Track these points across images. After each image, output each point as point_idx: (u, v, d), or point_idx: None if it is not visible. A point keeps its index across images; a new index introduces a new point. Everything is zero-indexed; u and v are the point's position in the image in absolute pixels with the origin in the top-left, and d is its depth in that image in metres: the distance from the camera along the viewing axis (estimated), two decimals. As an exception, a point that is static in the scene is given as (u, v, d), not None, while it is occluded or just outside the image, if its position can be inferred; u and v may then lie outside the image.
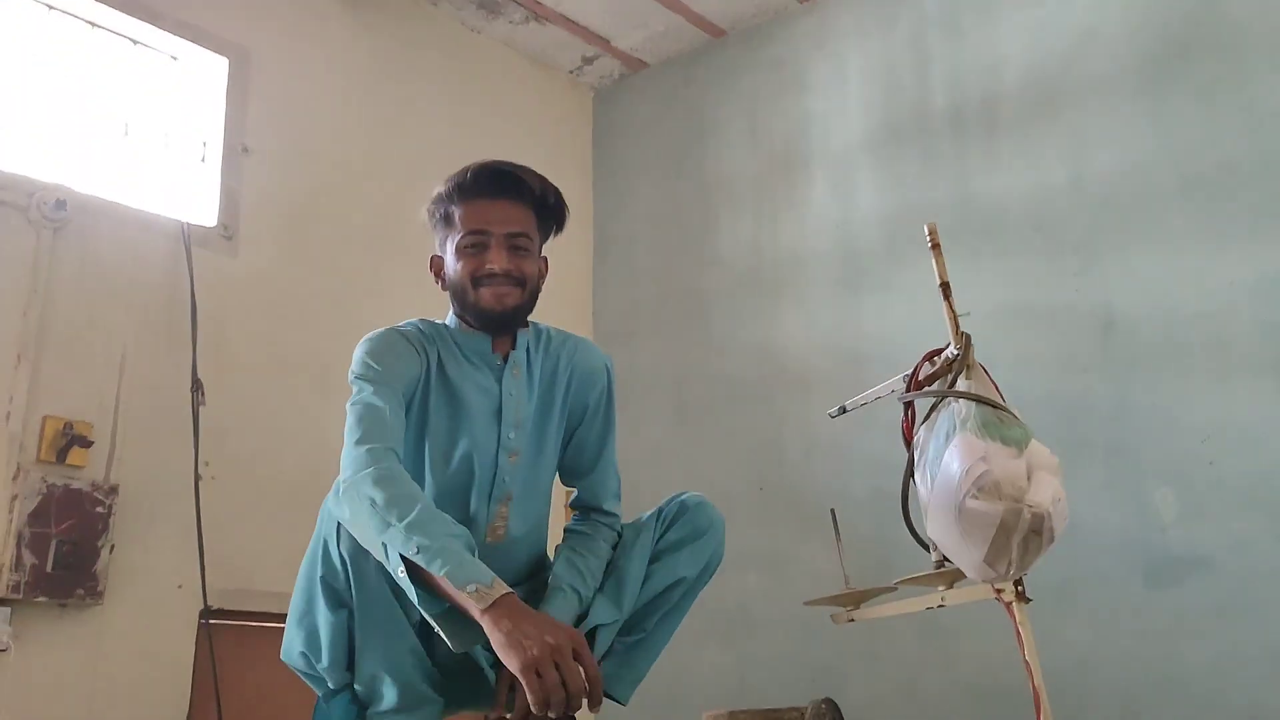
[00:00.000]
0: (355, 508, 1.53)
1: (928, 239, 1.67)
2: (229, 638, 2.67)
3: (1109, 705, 2.66)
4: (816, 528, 3.22)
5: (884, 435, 3.12)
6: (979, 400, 1.47)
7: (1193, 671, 2.56)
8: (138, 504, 2.61)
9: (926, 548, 1.59)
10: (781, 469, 3.36)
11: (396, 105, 3.45)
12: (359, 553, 1.57)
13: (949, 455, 1.41)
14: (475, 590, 1.43)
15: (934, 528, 1.43)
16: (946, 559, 1.56)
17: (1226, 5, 2.78)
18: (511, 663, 1.38)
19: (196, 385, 2.72)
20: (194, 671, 2.62)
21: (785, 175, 3.58)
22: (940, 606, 1.53)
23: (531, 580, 1.87)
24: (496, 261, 1.77)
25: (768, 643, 3.22)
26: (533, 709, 1.37)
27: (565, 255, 2.57)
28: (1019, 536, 1.34)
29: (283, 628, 1.73)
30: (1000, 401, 1.50)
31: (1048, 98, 3.06)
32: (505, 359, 1.86)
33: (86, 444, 2.52)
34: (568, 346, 1.94)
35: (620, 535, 1.85)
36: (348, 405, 1.70)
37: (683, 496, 1.87)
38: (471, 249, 1.80)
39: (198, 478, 2.69)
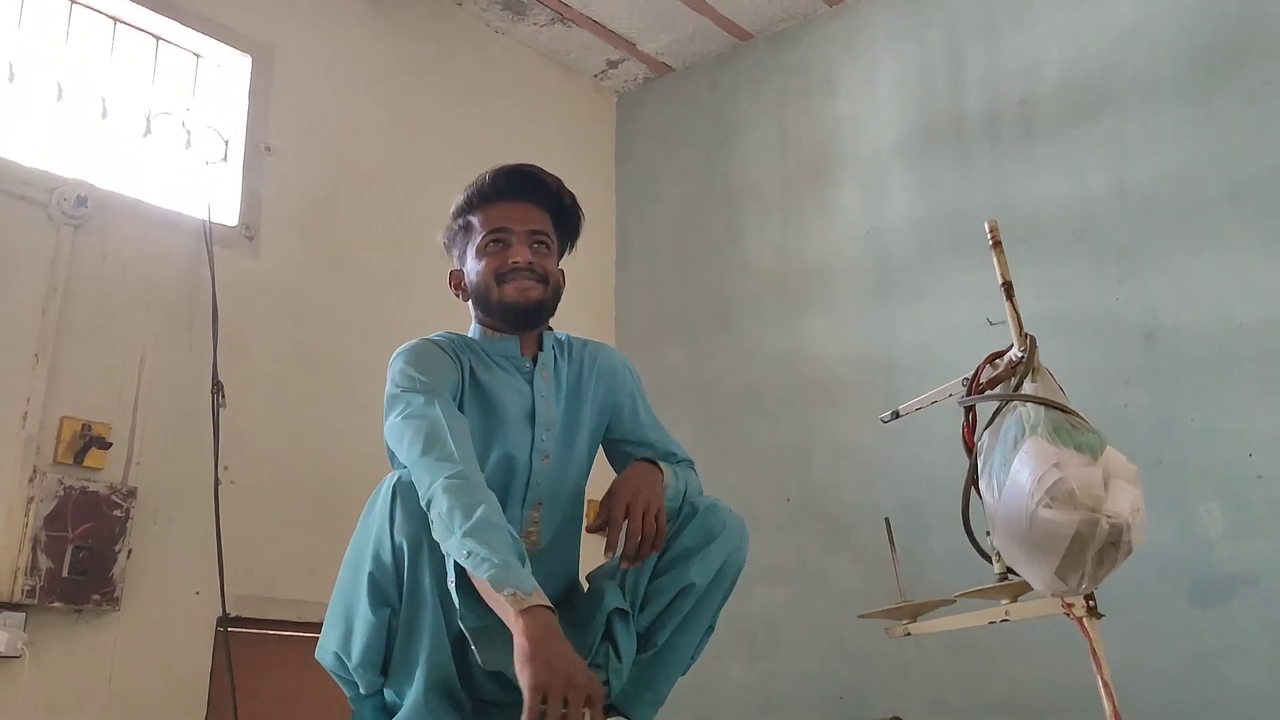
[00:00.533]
0: (433, 518, 1.50)
1: (988, 236, 1.60)
2: (247, 646, 2.60)
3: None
4: (845, 541, 3.16)
5: (916, 446, 3.07)
6: (1048, 404, 1.40)
7: (1237, 692, 2.47)
8: (156, 508, 2.55)
9: (989, 559, 1.52)
10: (809, 481, 3.28)
11: (419, 106, 3.40)
12: (416, 551, 1.52)
13: (1018, 462, 1.34)
14: (513, 594, 1.37)
15: (1000, 538, 1.36)
16: (1011, 571, 1.49)
17: (1277, 6, 2.71)
18: (524, 674, 1.32)
19: (217, 387, 2.66)
20: (211, 680, 2.56)
21: (814, 180, 3.52)
22: (1004, 621, 1.45)
23: (561, 608, 1.81)
24: (520, 255, 1.77)
25: (794, 660, 3.15)
26: None
27: (588, 262, 2.52)
28: (1094, 548, 1.27)
29: (303, 636, 1.70)
30: (1069, 406, 1.43)
31: (1088, 101, 2.99)
32: (534, 361, 1.83)
33: (105, 445, 2.46)
34: (588, 350, 1.93)
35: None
36: (398, 419, 1.66)
37: (693, 499, 1.81)
38: (494, 245, 1.79)
39: (217, 482, 2.63)
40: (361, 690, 1.63)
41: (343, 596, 1.64)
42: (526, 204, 1.83)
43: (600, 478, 1.82)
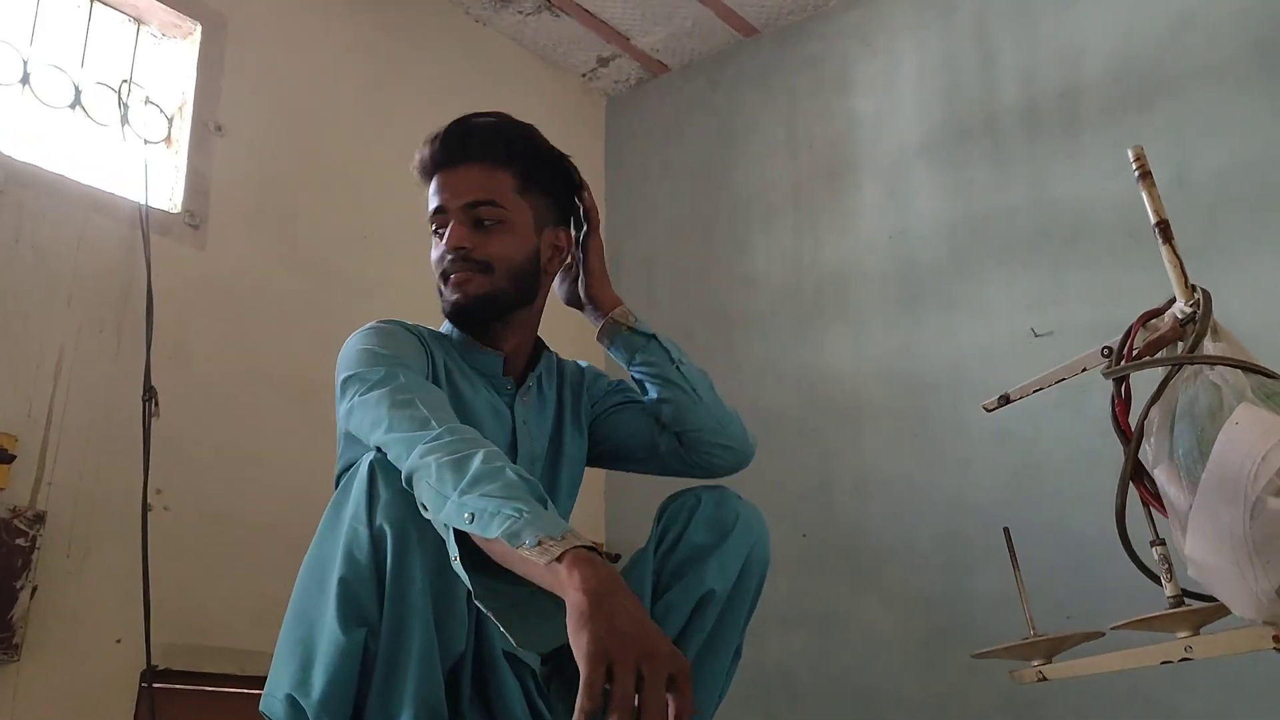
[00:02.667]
0: (420, 493, 1.13)
1: (1134, 167, 1.25)
2: (177, 705, 2.16)
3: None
4: (872, 581, 2.78)
5: (954, 472, 2.70)
6: (1249, 367, 1.05)
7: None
8: (69, 537, 2.12)
9: (1157, 579, 1.15)
10: (829, 514, 2.91)
11: (390, 93, 3.04)
12: (403, 542, 1.15)
13: (1225, 439, 0.98)
14: (540, 543, 0.98)
15: (1197, 543, 1.00)
16: (1187, 595, 1.12)
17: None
18: (580, 640, 0.90)
19: (149, 394, 2.25)
20: (131, 747, 2.11)
21: (829, 185, 3.19)
22: (1184, 660, 1.08)
23: (551, 662, 1.46)
24: (453, 240, 1.42)
25: (815, 716, 2.74)
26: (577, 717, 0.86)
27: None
28: (1345, 553, 0.91)
29: (244, 693, 1.29)
30: (1274, 372, 1.08)
31: (1138, 89, 2.69)
32: (518, 382, 1.51)
33: (8, 459, 2.04)
34: (569, 370, 1.66)
35: None
36: (356, 400, 1.30)
37: (695, 489, 1.49)
38: (436, 234, 1.46)
39: (146, 508, 2.21)
40: None
41: (300, 618, 1.23)
42: (468, 166, 1.46)
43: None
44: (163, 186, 2.51)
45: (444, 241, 1.44)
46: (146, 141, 2.51)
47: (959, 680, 2.50)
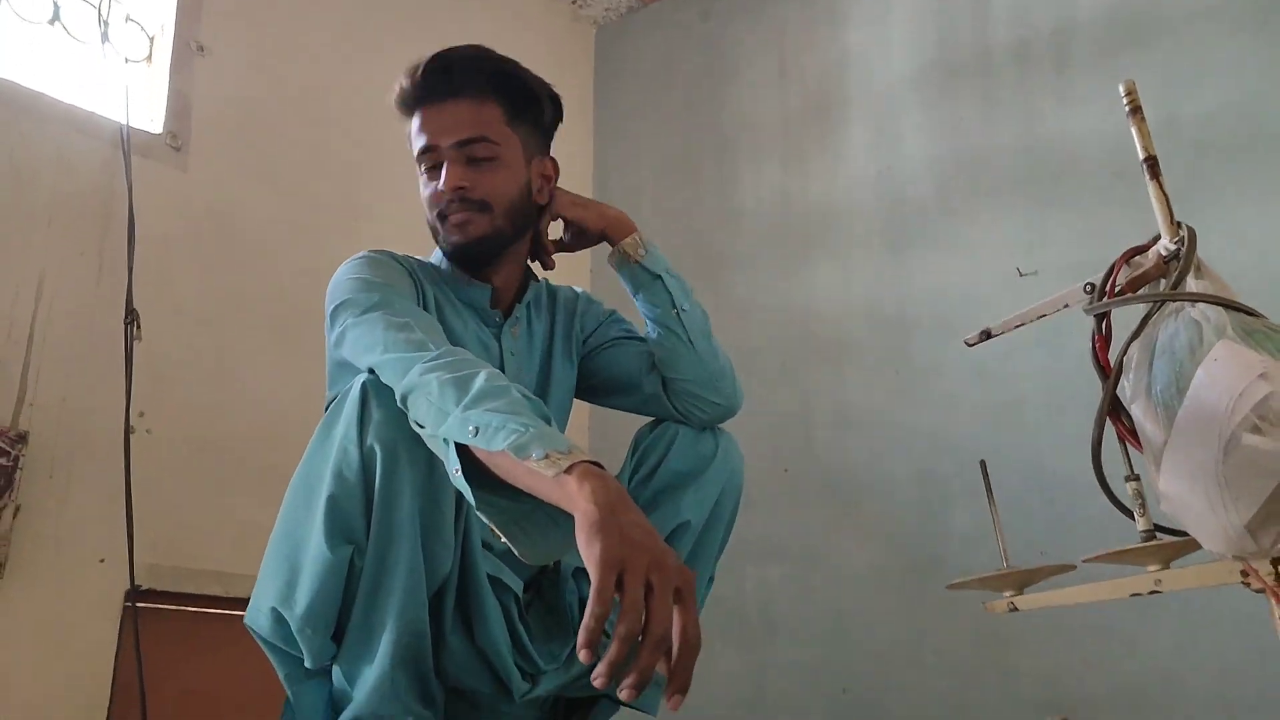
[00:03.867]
0: (416, 410, 1.12)
1: (1125, 101, 1.25)
2: (159, 624, 2.18)
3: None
4: (851, 516, 2.81)
5: (936, 410, 2.72)
6: (1230, 305, 1.06)
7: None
8: (52, 458, 2.13)
9: (1130, 514, 1.17)
10: (810, 450, 2.93)
11: (376, 17, 2.99)
12: (393, 463, 1.15)
13: (1203, 375, 0.99)
14: (547, 456, 0.99)
15: (1172, 478, 1.01)
16: (1159, 528, 1.14)
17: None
18: (593, 549, 0.90)
19: (131, 316, 2.24)
20: (116, 664, 2.13)
21: (818, 119, 3.17)
22: (1154, 593, 1.11)
23: (532, 588, 1.46)
24: (450, 179, 1.41)
25: (792, 648, 2.79)
26: (585, 624, 0.85)
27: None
28: (1314, 489, 0.92)
29: (226, 614, 1.30)
30: (1255, 310, 1.08)
31: (1132, 28, 2.67)
32: (506, 313, 1.52)
33: (-11, 379, 2.04)
34: (561, 298, 1.65)
35: None
36: (349, 323, 1.29)
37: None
38: (428, 173, 1.45)
39: (129, 430, 2.21)
40: (306, 662, 1.23)
41: (287, 534, 1.24)
42: (455, 102, 1.44)
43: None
44: (144, 108, 2.47)
45: (440, 182, 1.43)
46: (127, 60, 2.47)
47: (933, 614, 2.55)
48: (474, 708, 1.36)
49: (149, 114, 2.47)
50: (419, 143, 1.45)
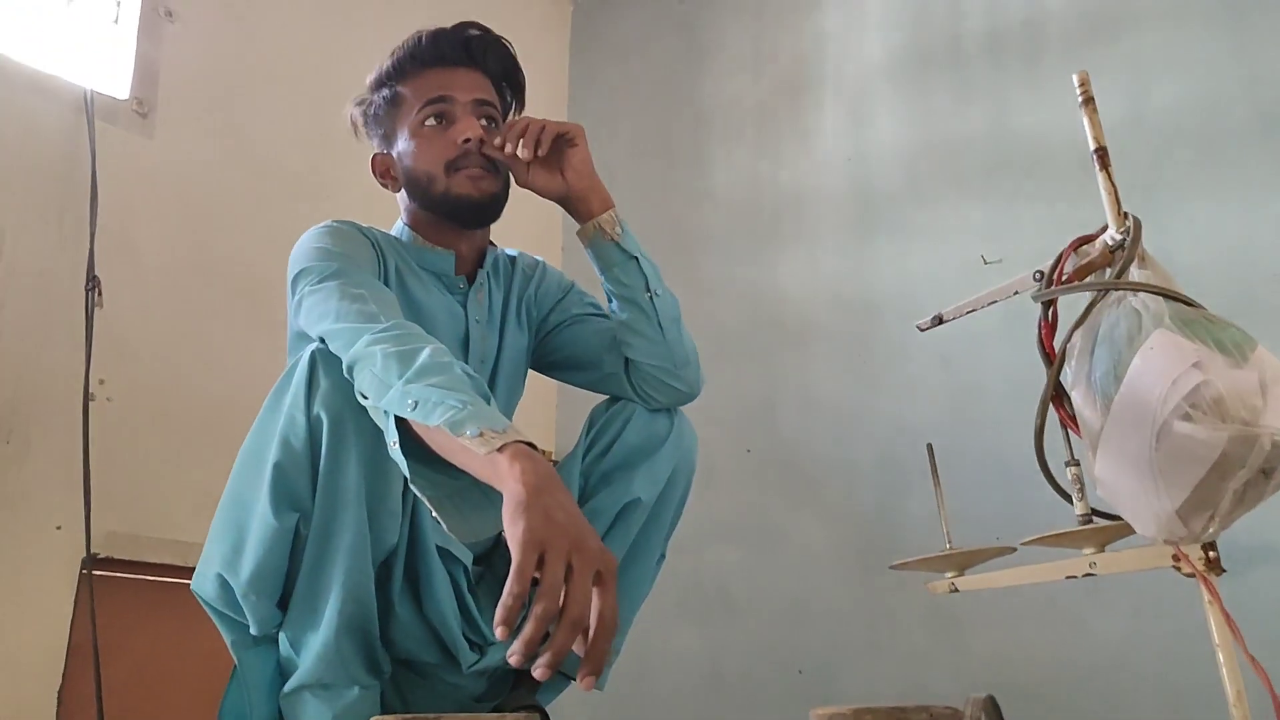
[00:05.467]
0: (361, 381, 1.13)
1: (1078, 92, 1.26)
2: (116, 592, 2.19)
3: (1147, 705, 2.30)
4: (811, 498, 2.84)
5: (896, 395, 2.74)
6: (1170, 295, 1.08)
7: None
8: (9, 424, 2.12)
9: (1069, 498, 1.19)
10: (773, 431, 2.95)
11: (352, -11, 2.97)
12: (339, 430, 1.16)
13: (1140, 362, 1.01)
14: (481, 434, 0.99)
15: (1106, 464, 1.03)
16: (1096, 513, 1.16)
17: (1324, -82, 2.43)
18: (516, 528, 0.91)
19: (93, 283, 2.23)
20: (71, 632, 2.13)
21: (791, 103, 3.17)
22: (1088, 575, 1.13)
23: (487, 557, 1.48)
24: (471, 129, 1.41)
25: (748, 628, 2.82)
26: (503, 602, 0.87)
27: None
28: (1244, 476, 0.94)
29: (182, 583, 1.29)
30: (1194, 300, 1.10)
31: (1103, 20, 2.69)
32: (470, 280, 1.51)
33: (-55, 342, 2.02)
34: (520, 265, 1.65)
35: None
36: (307, 290, 1.29)
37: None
38: (433, 120, 1.44)
39: (88, 396, 2.20)
40: (252, 629, 1.24)
41: (234, 501, 1.24)
42: (469, 70, 1.49)
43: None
44: (110, 72, 2.45)
45: (456, 132, 1.44)
46: (93, 23, 2.44)
47: (887, 594, 2.58)
48: (421, 677, 1.37)
49: (115, 79, 2.44)
50: (432, 91, 1.46)
